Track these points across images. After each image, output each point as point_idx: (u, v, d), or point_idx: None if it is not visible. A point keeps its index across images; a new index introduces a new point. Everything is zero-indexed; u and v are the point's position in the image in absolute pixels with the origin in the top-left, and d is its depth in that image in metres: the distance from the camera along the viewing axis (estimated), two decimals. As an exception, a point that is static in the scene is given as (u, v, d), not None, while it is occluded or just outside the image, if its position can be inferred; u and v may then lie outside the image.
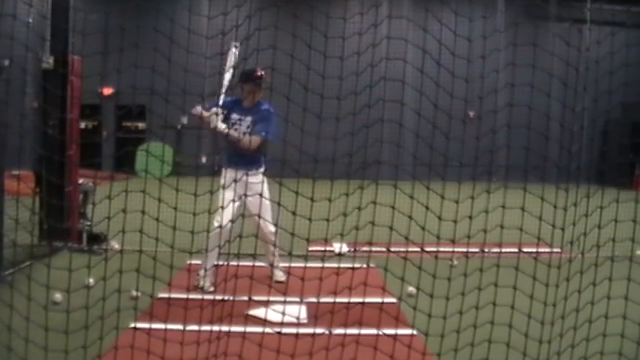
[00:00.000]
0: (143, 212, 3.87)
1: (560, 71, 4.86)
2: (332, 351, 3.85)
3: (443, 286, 3.94)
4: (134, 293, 4.31)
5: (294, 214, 3.94)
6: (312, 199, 3.97)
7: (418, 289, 4.09)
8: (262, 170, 5.81)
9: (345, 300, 4.31)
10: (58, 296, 4.59)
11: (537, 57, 4.67)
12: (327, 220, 4.07)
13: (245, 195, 5.51)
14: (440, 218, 4.06)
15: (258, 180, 5.62)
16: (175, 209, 3.93)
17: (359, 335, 4.00)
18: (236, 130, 5.74)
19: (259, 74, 5.69)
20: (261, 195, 5.15)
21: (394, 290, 4.96)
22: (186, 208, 4.02)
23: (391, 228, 4.04)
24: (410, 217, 4.08)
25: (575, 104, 5.07)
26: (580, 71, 4.51)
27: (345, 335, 4.00)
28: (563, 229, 4.17)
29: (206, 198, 4.12)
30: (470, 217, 4.06)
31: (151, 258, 3.94)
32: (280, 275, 6.10)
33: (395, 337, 3.91)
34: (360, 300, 4.17)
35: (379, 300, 4.27)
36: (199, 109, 5.59)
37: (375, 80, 4.10)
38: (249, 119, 5.74)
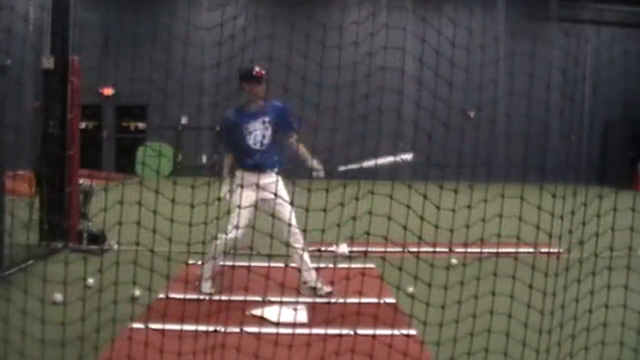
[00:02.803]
0: (142, 212, 3.87)
1: (561, 65, 4.87)
2: (330, 350, 3.86)
3: (441, 281, 3.94)
4: (134, 293, 4.32)
5: (294, 205, 3.94)
6: (309, 190, 3.96)
7: (415, 277, 4.08)
8: (276, 169, 5.55)
9: (344, 299, 4.32)
10: (58, 296, 4.60)
11: (537, 56, 4.68)
12: (325, 211, 4.06)
13: (274, 194, 5.14)
14: (438, 208, 4.05)
15: (272, 180, 5.35)
16: (175, 207, 3.93)
17: (358, 334, 4.00)
18: (255, 137, 5.47)
19: (259, 70, 5.39)
20: (276, 195, 4.98)
21: (393, 290, 4.96)
22: (186, 208, 4.02)
23: (389, 224, 4.04)
24: (409, 216, 4.07)
25: (575, 104, 5.08)
26: (579, 70, 4.52)
27: (343, 334, 4.00)
28: (562, 217, 4.17)
29: (206, 198, 4.13)
30: (469, 216, 4.06)
31: (150, 258, 3.95)
32: (310, 280, 5.54)
33: (392, 336, 3.91)
34: (358, 299, 4.17)
35: (377, 299, 4.27)
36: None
37: (372, 90, 4.09)
38: (264, 118, 5.46)
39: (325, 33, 4.07)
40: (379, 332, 3.95)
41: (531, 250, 4.49)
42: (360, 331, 4.01)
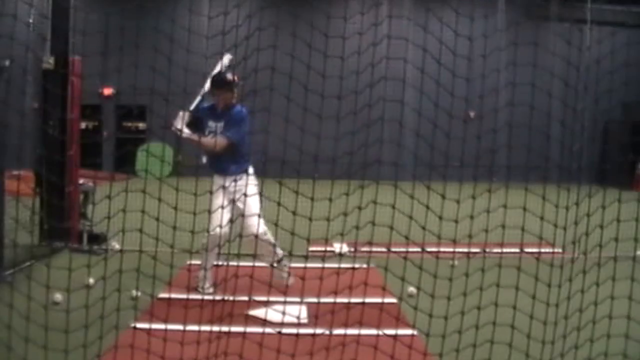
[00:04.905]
0: (143, 212, 3.86)
1: (561, 71, 4.85)
2: (332, 351, 3.85)
3: (443, 286, 3.94)
4: (134, 293, 4.31)
5: (294, 213, 3.94)
6: (312, 199, 3.97)
7: (418, 288, 4.08)
8: (244, 172, 5.68)
9: (346, 300, 4.31)
10: (58, 296, 4.59)
11: (538, 56, 4.66)
12: (327, 220, 4.06)
13: (233, 201, 5.42)
14: (440, 218, 4.05)
15: (242, 183, 5.55)
16: (175, 208, 3.93)
17: (359, 335, 4.00)
18: (213, 136, 5.60)
19: (231, 78, 5.61)
20: (245, 194, 5.15)
21: (394, 290, 4.95)
22: (186, 208, 4.02)
23: (391, 228, 4.03)
24: (411, 217, 4.07)
25: (575, 103, 5.07)
26: (580, 71, 4.51)
27: (345, 335, 4.00)
28: (565, 229, 4.16)
29: (206, 198, 4.13)
30: (471, 217, 4.05)
31: (151, 258, 3.94)
32: (281, 276, 5.83)
33: (395, 337, 3.90)
34: (360, 300, 4.16)
35: (379, 300, 4.27)
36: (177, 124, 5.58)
37: (375, 80, 4.09)
38: (221, 123, 5.65)
39: (327, 42, 4.08)
40: (382, 336, 3.94)
41: (535, 250, 4.48)
42: (362, 333, 4.01)
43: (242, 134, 5.64)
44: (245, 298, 4.38)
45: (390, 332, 4.00)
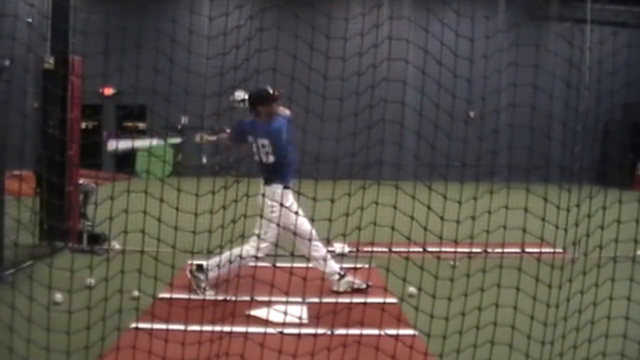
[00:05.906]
0: (144, 212, 3.86)
1: (562, 71, 4.85)
2: (334, 351, 3.85)
3: (444, 286, 3.93)
4: (135, 293, 4.31)
5: (296, 213, 3.93)
6: (314, 199, 3.96)
7: (419, 289, 4.08)
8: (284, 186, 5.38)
9: (347, 300, 4.31)
10: (59, 296, 4.59)
11: (539, 57, 4.66)
12: (329, 220, 4.06)
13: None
14: (442, 218, 4.05)
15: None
16: (177, 209, 3.92)
17: (360, 335, 4.00)
18: (258, 149, 5.56)
19: (275, 93, 5.46)
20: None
21: (395, 290, 4.95)
22: (187, 208, 4.01)
23: (392, 228, 4.03)
24: (412, 218, 4.07)
25: (577, 104, 5.06)
26: (581, 71, 4.50)
27: (346, 335, 4.00)
28: (565, 229, 4.16)
29: (207, 198, 4.12)
30: (473, 218, 4.05)
31: (152, 258, 3.94)
32: (337, 284, 5.68)
33: (396, 337, 3.90)
34: (361, 300, 4.16)
35: (380, 300, 4.26)
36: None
37: (376, 81, 4.09)
38: (263, 140, 5.53)
39: (329, 43, 4.07)
40: (383, 337, 3.94)
41: (535, 251, 4.48)
42: (363, 334, 4.01)
43: (285, 144, 5.50)
44: (247, 298, 4.38)
45: (391, 332, 4.00)
